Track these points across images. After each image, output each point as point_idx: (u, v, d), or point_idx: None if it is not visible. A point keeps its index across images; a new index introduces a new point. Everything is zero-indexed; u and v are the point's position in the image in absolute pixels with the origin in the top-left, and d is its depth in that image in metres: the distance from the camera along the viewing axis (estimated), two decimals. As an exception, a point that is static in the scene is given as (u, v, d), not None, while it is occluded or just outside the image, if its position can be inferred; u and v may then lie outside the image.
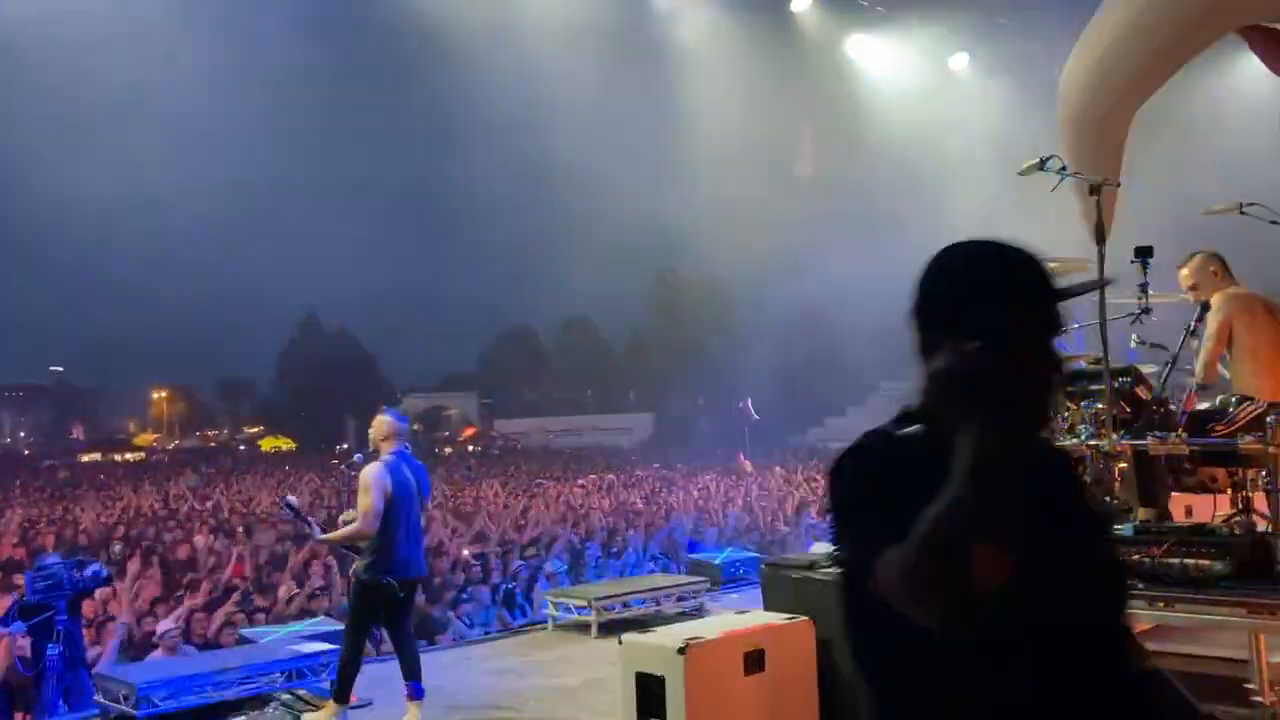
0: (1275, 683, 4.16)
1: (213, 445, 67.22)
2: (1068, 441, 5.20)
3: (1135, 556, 4.42)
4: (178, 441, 70.90)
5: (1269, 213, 5.61)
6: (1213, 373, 5.29)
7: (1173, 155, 18.46)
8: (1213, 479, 5.09)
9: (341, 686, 6.01)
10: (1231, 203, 5.67)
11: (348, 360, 67.12)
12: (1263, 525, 4.75)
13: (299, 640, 7.16)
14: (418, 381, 76.11)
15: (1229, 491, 5.03)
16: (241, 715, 6.08)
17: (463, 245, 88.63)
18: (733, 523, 15.15)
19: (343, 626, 6.61)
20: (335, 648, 6.42)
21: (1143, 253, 5.46)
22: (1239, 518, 4.89)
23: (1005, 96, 24.20)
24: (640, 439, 56.00)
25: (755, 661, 4.80)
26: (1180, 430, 4.89)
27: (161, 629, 7.73)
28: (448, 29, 31.04)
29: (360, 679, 6.71)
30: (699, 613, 8.36)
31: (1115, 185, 6.41)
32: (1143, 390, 5.27)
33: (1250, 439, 4.69)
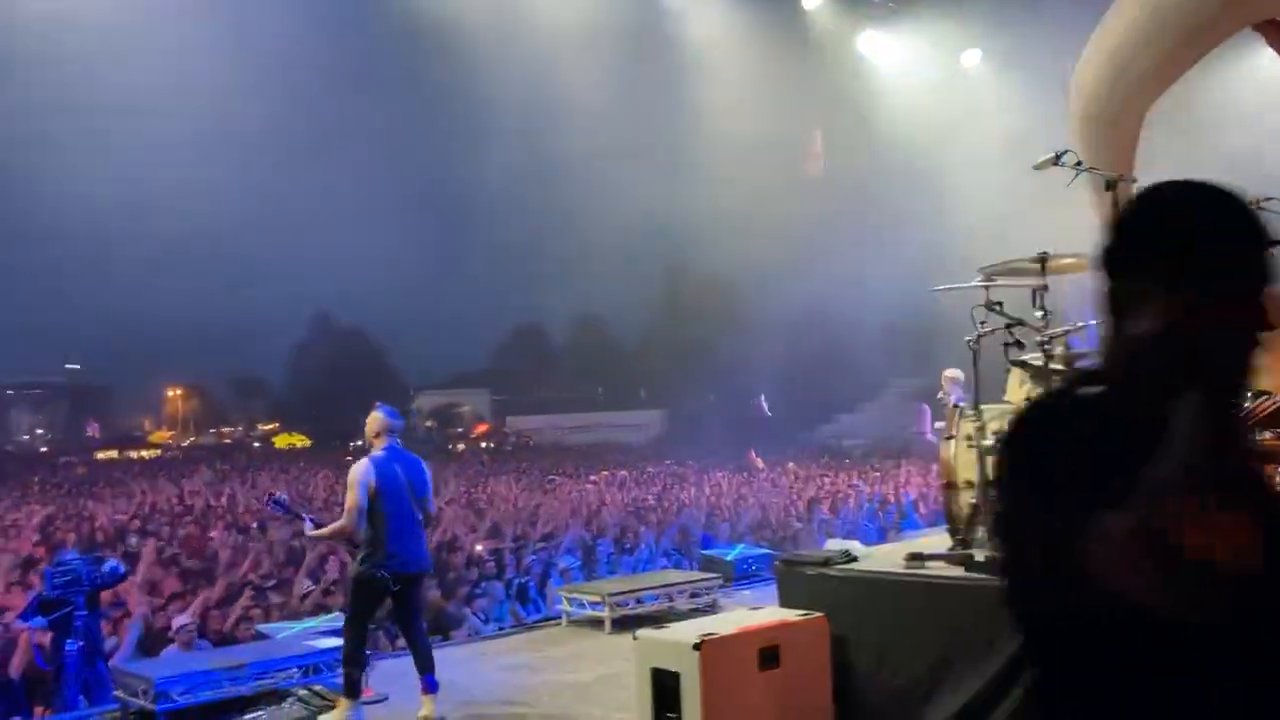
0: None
1: (227, 442, 67.45)
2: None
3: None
4: (193, 439, 71.15)
5: None
6: None
7: (1183, 150, 18.37)
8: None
9: (350, 681, 6.02)
10: (1248, 199, 5.63)
11: (361, 358, 67.30)
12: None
13: (314, 635, 7.20)
14: (430, 379, 76.26)
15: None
16: (258, 710, 6.11)
17: (474, 243, 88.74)
18: (745, 519, 15.14)
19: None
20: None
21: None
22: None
23: (1017, 92, 24.07)
24: (651, 436, 56.00)
25: (770, 657, 4.81)
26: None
27: (177, 624, 7.77)
28: (459, 27, 31.08)
29: (376, 674, 6.77)
30: (712, 609, 8.33)
31: (1130, 181, 6.38)
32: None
33: (1269, 434, 4.67)
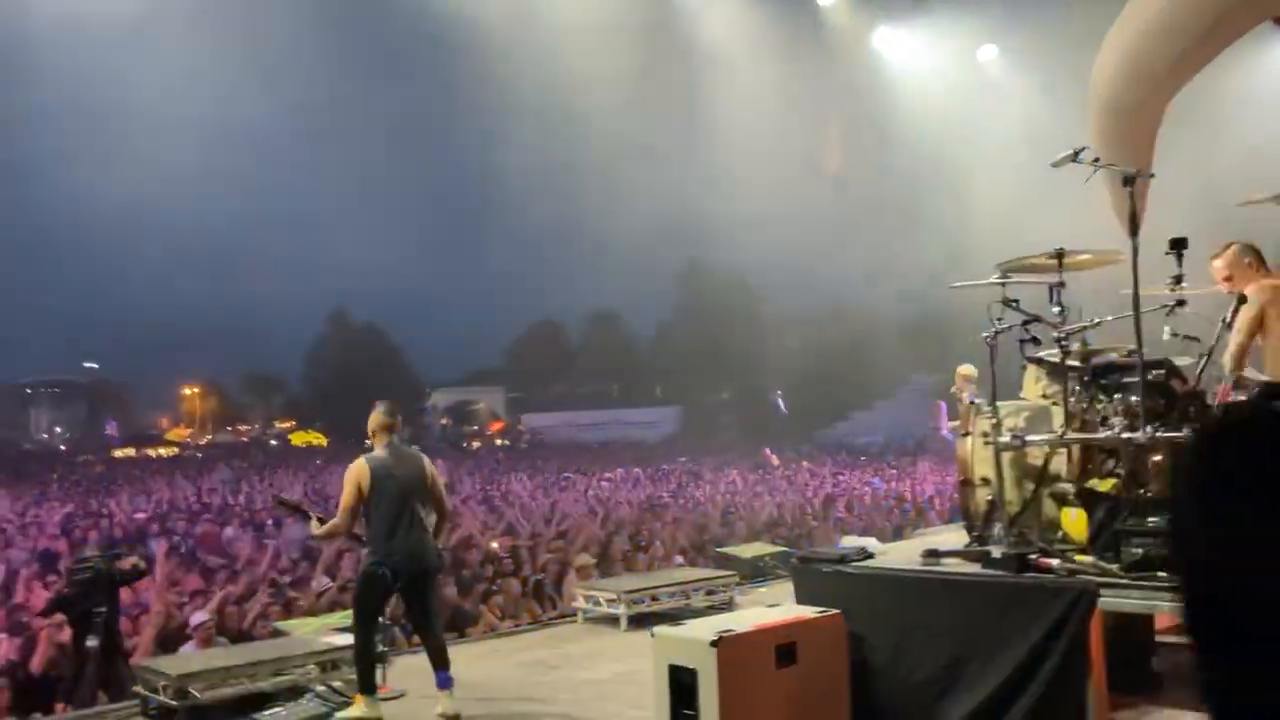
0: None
1: (244, 440, 67.72)
2: (1100, 434, 5.18)
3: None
4: (210, 436, 71.46)
5: None
6: (1243, 364, 5.24)
7: (1202, 142, 18.24)
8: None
9: (363, 677, 6.03)
10: (1269, 193, 5.59)
11: (376, 355, 67.37)
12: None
13: (332, 632, 7.23)
14: (445, 376, 76.43)
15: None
16: (278, 706, 6.14)
17: (490, 241, 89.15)
18: (761, 517, 15.13)
19: None
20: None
21: (1177, 244, 5.41)
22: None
23: (1034, 88, 23.94)
24: (666, 433, 55.99)
25: (787, 655, 4.81)
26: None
27: (195, 621, 7.82)
28: (476, 22, 31.13)
29: (393, 671, 6.79)
30: (728, 606, 8.34)
31: (1149, 176, 6.35)
32: (1177, 383, 5.24)
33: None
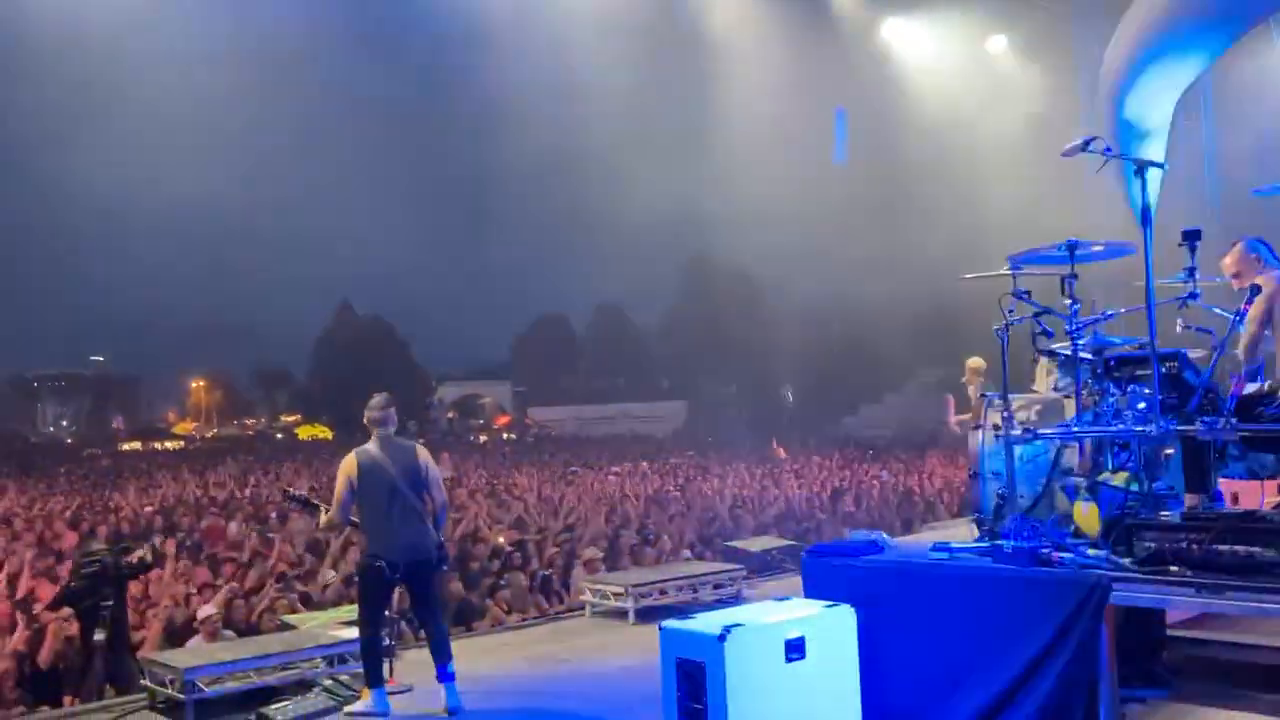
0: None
1: (251, 434, 67.89)
2: (1115, 427, 5.14)
3: (1183, 544, 4.36)
4: (216, 430, 71.73)
5: None
6: (1255, 355, 5.24)
7: (1210, 136, 18.17)
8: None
9: (369, 670, 6.01)
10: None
11: (382, 349, 67.41)
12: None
13: (339, 626, 7.21)
14: (451, 370, 76.58)
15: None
16: (285, 700, 6.13)
17: (496, 233, 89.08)
18: (769, 510, 15.09)
19: None
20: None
21: (1190, 236, 5.39)
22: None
23: (1043, 79, 23.86)
24: (673, 426, 55.96)
25: (796, 648, 4.78)
26: (1229, 415, 4.81)
27: (202, 614, 7.81)
28: (481, 16, 31.10)
29: (401, 664, 6.78)
30: (736, 600, 8.33)
31: (1160, 166, 6.30)
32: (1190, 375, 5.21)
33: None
